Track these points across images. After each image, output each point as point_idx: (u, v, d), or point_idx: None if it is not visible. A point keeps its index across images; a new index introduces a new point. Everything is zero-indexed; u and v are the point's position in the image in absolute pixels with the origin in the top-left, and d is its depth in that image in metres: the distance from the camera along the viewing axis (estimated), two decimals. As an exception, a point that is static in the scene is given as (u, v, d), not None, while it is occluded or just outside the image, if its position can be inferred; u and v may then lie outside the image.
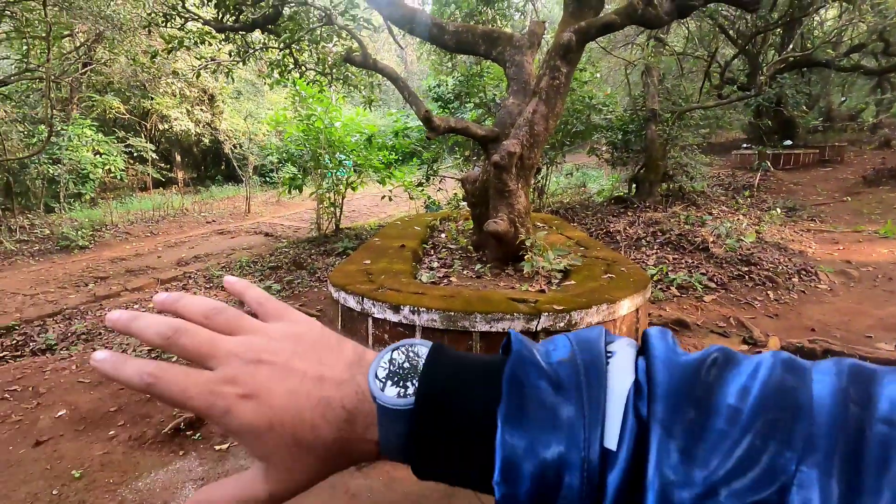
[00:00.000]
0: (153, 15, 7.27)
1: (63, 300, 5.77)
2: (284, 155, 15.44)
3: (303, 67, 6.81)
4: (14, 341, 4.77)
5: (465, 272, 3.37)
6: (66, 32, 9.27)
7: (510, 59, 4.05)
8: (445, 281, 3.13)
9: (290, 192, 9.12)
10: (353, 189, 8.99)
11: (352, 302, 2.51)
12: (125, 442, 2.85)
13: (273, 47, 7.58)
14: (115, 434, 2.96)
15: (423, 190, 8.46)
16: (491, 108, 7.83)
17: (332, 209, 8.90)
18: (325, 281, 6.11)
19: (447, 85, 8.48)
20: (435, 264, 3.50)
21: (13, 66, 10.56)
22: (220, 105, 14.57)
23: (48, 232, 8.57)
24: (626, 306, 2.63)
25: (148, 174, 13.48)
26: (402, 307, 2.30)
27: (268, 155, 14.85)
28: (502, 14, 8.60)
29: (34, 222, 8.98)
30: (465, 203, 6.94)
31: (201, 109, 14.08)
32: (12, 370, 4.03)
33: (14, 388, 3.59)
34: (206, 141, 14.60)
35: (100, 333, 4.86)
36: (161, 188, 14.35)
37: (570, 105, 7.41)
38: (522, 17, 10.46)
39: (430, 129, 3.28)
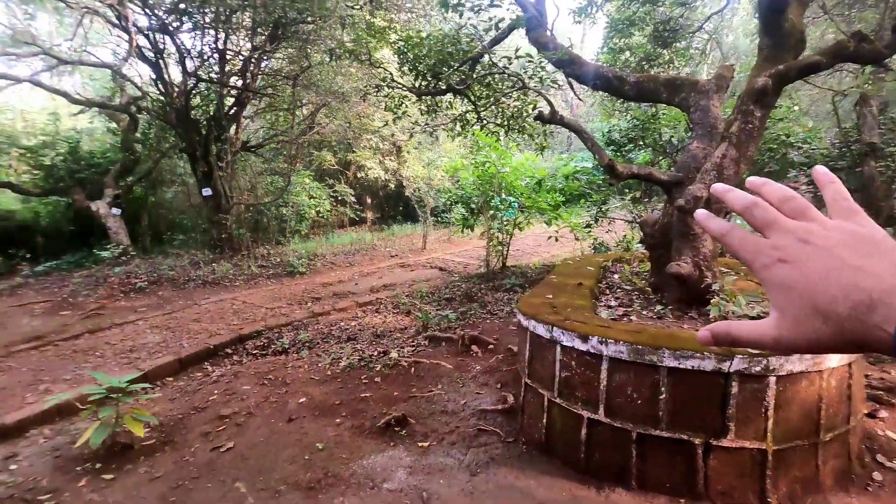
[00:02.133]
0: (367, 87, 8.92)
1: (291, 314, 7.25)
2: (456, 197, 16.72)
3: (483, 121, 7.63)
4: (262, 342, 6.17)
5: (644, 312, 3.45)
6: (302, 104, 11.87)
7: (694, 103, 4.09)
8: (625, 319, 3.27)
9: (462, 231, 10.02)
10: (520, 229, 9.47)
11: (541, 330, 2.83)
12: (349, 429, 3.56)
13: (458, 106, 8.64)
14: (340, 422, 3.70)
15: (590, 231, 8.54)
16: (667, 150, 7.66)
17: (499, 248, 9.50)
18: (496, 314, 6.59)
19: (619, 129, 8.56)
20: (613, 303, 3.65)
21: (263, 132, 13.76)
22: (404, 155, 16.73)
23: (279, 260, 10.81)
24: (835, 359, 2.45)
25: (346, 214, 16.01)
26: (590, 337, 2.54)
27: (443, 198, 16.42)
28: (680, 55, 8.44)
29: (269, 252, 11.41)
30: (639, 245, 6.85)
31: (390, 159, 16.35)
32: (265, 364, 5.26)
33: (269, 377, 4.71)
34: (392, 186, 16.79)
35: (318, 343, 5.98)
36: (355, 226, 16.87)
37: (763, 144, 6.86)
38: (703, 55, 10.04)
39: (614, 175, 3.52)
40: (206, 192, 10.92)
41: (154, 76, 10.52)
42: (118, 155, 12.62)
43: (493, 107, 7.46)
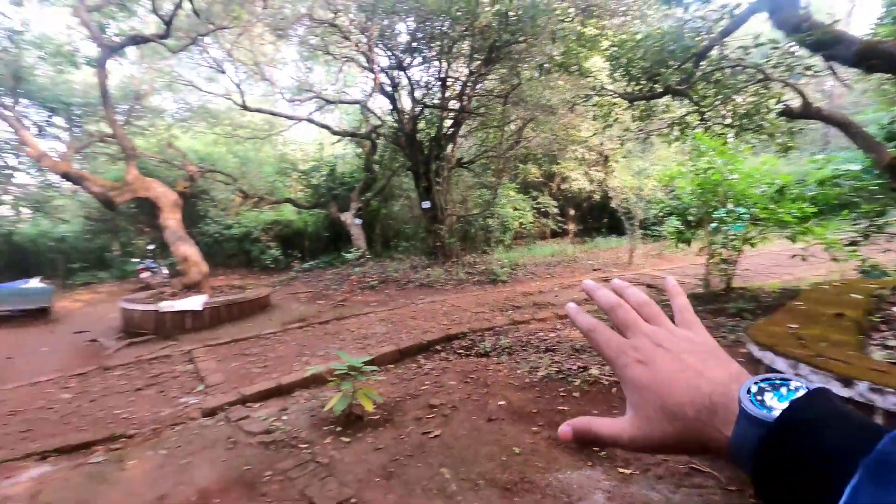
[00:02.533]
0: (576, 97, 8.83)
1: (493, 320, 7.60)
2: (670, 208, 15.12)
3: (707, 123, 6.79)
4: (467, 343, 6.62)
5: (946, 360, 2.56)
6: (510, 120, 12.43)
7: None
8: (913, 365, 2.48)
9: (676, 245, 9.02)
10: (752, 245, 8.06)
11: (781, 364, 2.36)
12: (546, 439, 3.55)
13: (676, 109, 7.86)
14: (537, 431, 3.72)
15: (855, 250, 6.77)
16: None
17: (723, 266, 8.25)
18: (719, 340, 5.74)
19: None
20: (893, 342, 2.81)
21: (474, 149, 14.83)
22: (611, 165, 15.99)
23: (483, 268, 11.49)
24: None
25: (548, 226, 16.08)
26: (855, 381, 2.00)
27: (654, 209, 15.12)
28: None
29: (476, 260, 12.23)
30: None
31: (596, 170, 15.82)
32: (469, 363, 5.64)
33: (472, 377, 5.03)
34: (597, 197, 16.21)
35: (517, 350, 6.13)
36: (557, 238, 16.82)
37: None
38: None
39: (898, 178, 2.72)
40: (426, 204, 12.31)
41: (390, 107, 12.39)
42: (361, 175, 15.24)
43: (720, 106, 6.58)
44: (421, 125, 12.58)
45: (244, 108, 12.71)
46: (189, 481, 3.30)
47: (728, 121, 6.64)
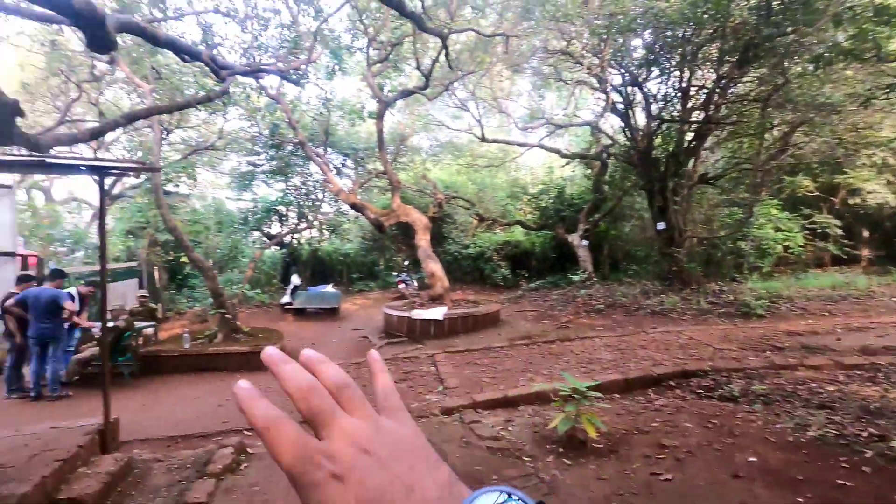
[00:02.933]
0: (872, 89, 7.00)
1: (744, 360, 6.50)
2: None
3: None
4: (708, 384, 5.85)
5: None
6: (771, 126, 10.52)
7: None
8: None
9: None
10: None
11: None
12: (816, 515, 2.89)
13: None
14: (804, 503, 3.06)
15: None
16: None
17: None
18: None
19: None
20: None
21: (722, 162, 13.03)
22: (936, 170, 11.90)
23: (732, 298, 9.92)
24: None
25: (828, 250, 12.88)
26: None
27: None
28: None
29: (722, 289, 10.65)
30: None
31: (906, 178, 12.01)
32: (710, 406, 4.98)
33: (713, 421, 4.43)
34: (908, 213, 12.25)
35: (777, 400, 5.11)
36: (840, 265, 13.32)
37: None
38: None
39: None
40: (661, 225, 11.38)
41: (623, 124, 11.96)
42: (590, 196, 15.05)
43: None
44: (657, 141, 11.75)
45: (482, 139, 14.08)
46: (431, 468, 3.84)
47: None
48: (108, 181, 15.77)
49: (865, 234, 14.19)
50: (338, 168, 17.65)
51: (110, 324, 7.38)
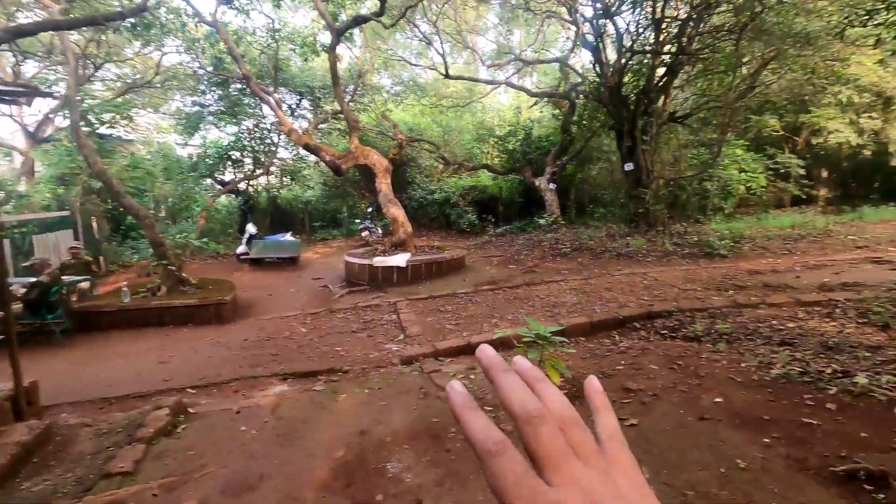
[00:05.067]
0: (849, 18, 6.66)
1: (707, 299, 6.46)
2: None
3: None
4: (672, 324, 5.76)
5: None
6: (744, 62, 10.16)
7: None
8: None
9: None
10: None
11: None
12: (784, 458, 2.77)
13: None
14: (770, 444, 2.94)
15: None
16: None
17: None
18: None
19: None
20: None
21: (692, 101, 12.72)
22: (895, 109, 11.95)
23: (696, 239, 9.91)
24: None
25: (788, 191, 13.02)
26: None
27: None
28: None
29: (687, 230, 10.63)
30: None
31: (869, 117, 12.02)
32: (674, 347, 4.88)
33: (679, 363, 4.31)
34: (867, 153, 12.38)
35: (739, 338, 5.06)
36: (800, 206, 13.55)
37: None
38: None
39: None
40: (628, 166, 11.13)
41: (593, 60, 11.36)
42: (558, 137, 14.59)
43: None
44: (627, 78, 11.26)
45: (446, 76, 13.22)
46: (386, 422, 3.57)
47: None
48: (31, 121, 14.20)
49: (824, 174, 14.41)
50: (292, 108, 16.45)
51: (31, 279, 6.69)
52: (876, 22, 6.49)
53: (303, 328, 6.75)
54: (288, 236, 12.96)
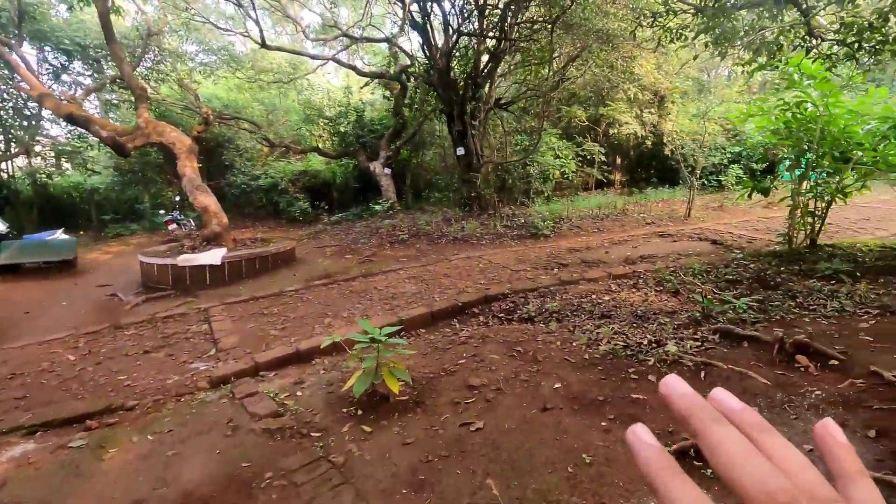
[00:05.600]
0: (641, 18, 7.44)
1: (537, 279, 6.73)
2: (731, 155, 13.49)
3: (818, 41, 5.42)
4: (508, 306, 5.81)
5: None
6: (555, 55, 10.98)
7: None
8: None
9: (750, 196, 7.80)
10: (843, 197, 6.79)
11: None
12: (622, 442, 2.74)
13: (767, 27, 6.45)
14: (608, 427, 2.91)
15: None
16: None
17: (809, 220, 7.07)
18: (814, 310, 4.72)
19: None
20: None
21: (514, 89, 13.45)
22: (668, 106, 14.32)
23: (522, 221, 10.50)
24: None
25: (593, 175, 14.75)
26: None
27: (715, 157, 13.55)
28: None
29: (514, 212, 11.22)
30: None
31: (650, 112, 14.20)
32: (513, 331, 4.83)
33: (518, 349, 4.22)
34: (649, 143, 14.66)
35: (567, 315, 5.26)
36: (601, 189, 15.49)
37: None
38: None
39: None
40: (460, 151, 11.26)
41: (421, 41, 11.14)
42: (391, 121, 14.18)
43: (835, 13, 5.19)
44: (455, 62, 11.32)
45: (263, 45, 11.70)
46: (173, 479, 2.68)
47: (852, 38, 5.24)
48: None
49: (619, 161, 16.75)
50: (55, 70, 12.99)
51: None
52: (659, 25, 7.39)
53: (71, 355, 5.14)
54: (59, 234, 10.21)
